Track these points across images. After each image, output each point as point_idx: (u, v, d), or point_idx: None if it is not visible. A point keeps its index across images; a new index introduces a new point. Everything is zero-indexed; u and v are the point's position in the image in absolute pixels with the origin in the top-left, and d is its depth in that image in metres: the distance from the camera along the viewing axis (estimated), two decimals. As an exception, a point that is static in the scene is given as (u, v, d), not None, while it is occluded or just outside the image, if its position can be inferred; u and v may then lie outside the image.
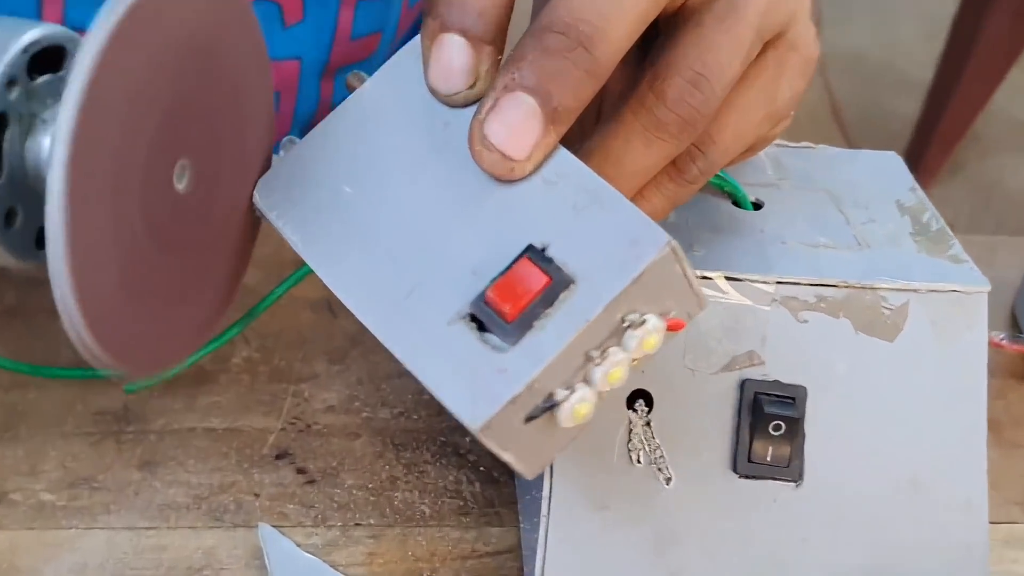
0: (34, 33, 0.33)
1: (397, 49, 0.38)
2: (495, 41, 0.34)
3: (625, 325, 0.29)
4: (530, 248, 0.30)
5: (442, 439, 0.48)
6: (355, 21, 0.66)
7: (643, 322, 0.29)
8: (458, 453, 0.47)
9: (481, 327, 0.30)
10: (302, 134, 0.38)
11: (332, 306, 0.54)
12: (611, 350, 0.29)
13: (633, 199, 0.34)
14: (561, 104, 0.32)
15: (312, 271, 0.35)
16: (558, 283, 0.29)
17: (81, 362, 0.41)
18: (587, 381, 0.29)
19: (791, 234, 0.41)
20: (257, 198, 0.37)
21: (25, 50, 0.32)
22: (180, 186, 0.34)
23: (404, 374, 0.47)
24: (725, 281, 0.39)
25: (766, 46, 0.37)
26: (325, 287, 0.40)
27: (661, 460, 0.39)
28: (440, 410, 0.47)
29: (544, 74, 0.32)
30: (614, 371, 0.29)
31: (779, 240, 0.41)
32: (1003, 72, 1.95)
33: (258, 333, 0.52)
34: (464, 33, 0.33)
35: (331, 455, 0.46)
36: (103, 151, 0.31)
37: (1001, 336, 0.51)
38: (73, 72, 0.29)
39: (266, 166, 0.38)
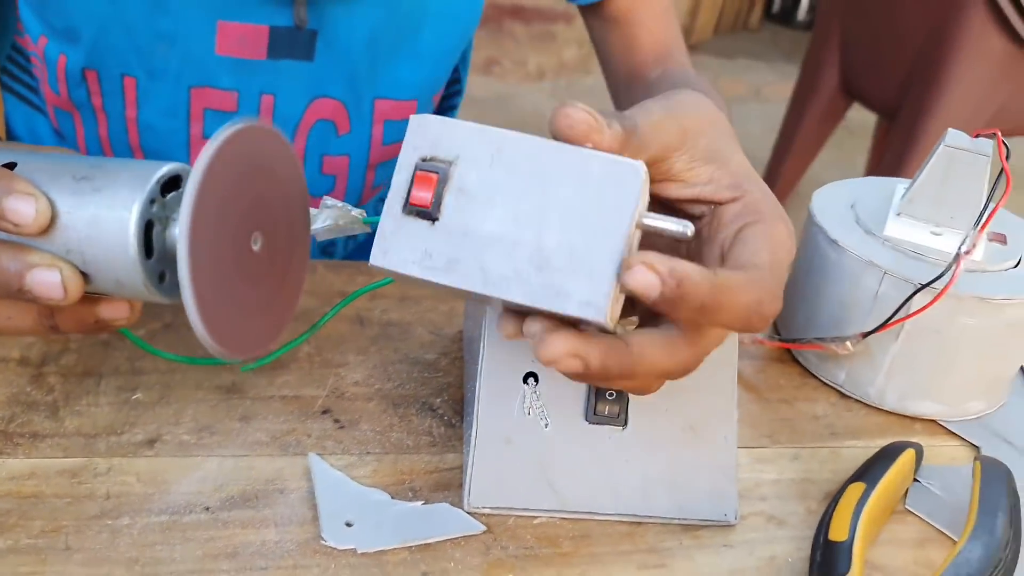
0: (161, 171, 0.41)
1: None
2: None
3: None
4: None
5: (422, 401, 0.59)
6: (384, 134, 0.81)
7: None
8: (431, 408, 0.59)
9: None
10: (355, 205, 0.48)
11: (361, 319, 0.66)
12: None
13: None
14: (589, 374, 0.40)
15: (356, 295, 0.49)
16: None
17: (209, 356, 0.55)
18: None
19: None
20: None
21: (158, 181, 0.41)
22: (256, 247, 0.42)
23: (404, 361, 0.61)
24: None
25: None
26: (358, 309, 0.54)
27: (543, 413, 0.51)
28: (422, 382, 0.60)
29: (603, 370, 0.39)
30: None
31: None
32: (815, 153, 2.70)
33: (315, 337, 0.64)
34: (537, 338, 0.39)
35: (355, 411, 0.58)
36: (206, 234, 0.38)
37: (763, 336, 0.66)
38: (185, 191, 0.37)
39: (305, 236, 0.47)
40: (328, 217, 0.51)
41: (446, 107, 0.93)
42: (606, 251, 0.38)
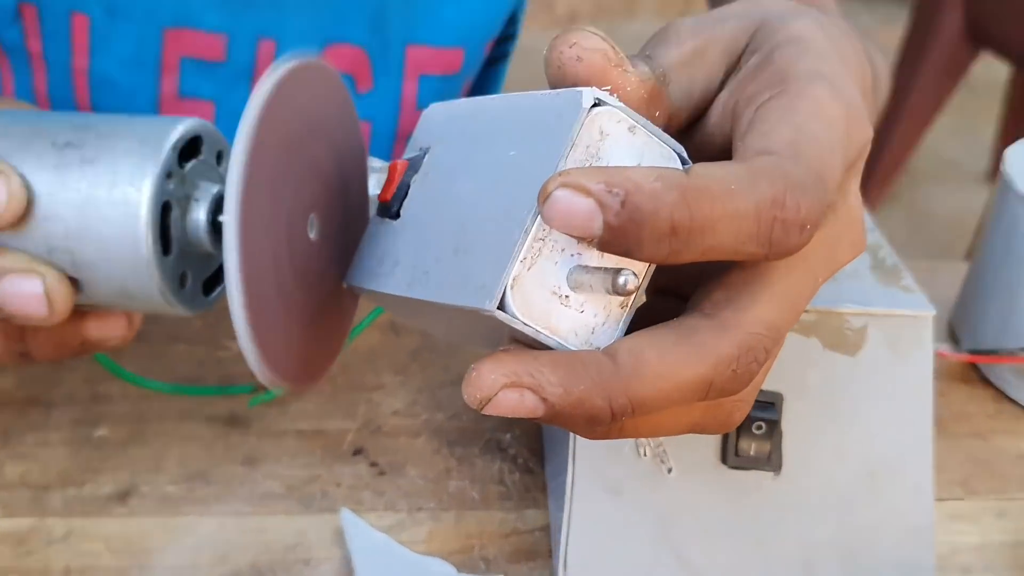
0: (178, 131, 0.40)
1: None
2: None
3: None
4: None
5: (488, 436, 0.58)
6: (419, 93, 0.79)
7: None
8: (500, 448, 0.58)
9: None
10: None
11: (396, 327, 0.65)
12: None
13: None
14: (557, 416, 0.33)
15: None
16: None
17: (194, 380, 0.54)
18: None
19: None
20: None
21: (174, 147, 0.40)
22: (312, 235, 0.41)
23: (457, 382, 0.59)
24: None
25: None
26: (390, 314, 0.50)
27: (663, 454, 0.49)
28: (486, 413, 0.60)
29: (578, 403, 0.32)
30: None
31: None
32: (931, 118, 2.55)
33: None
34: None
35: (398, 451, 0.57)
36: (258, 217, 0.36)
37: (945, 347, 0.63)
38: (233, 155, 0.34)
39: (364, 214, 0.46)
40: (378, 184, 0.48)
41: (498, 54, 0.90)
42: (518, 216, 0.33)
